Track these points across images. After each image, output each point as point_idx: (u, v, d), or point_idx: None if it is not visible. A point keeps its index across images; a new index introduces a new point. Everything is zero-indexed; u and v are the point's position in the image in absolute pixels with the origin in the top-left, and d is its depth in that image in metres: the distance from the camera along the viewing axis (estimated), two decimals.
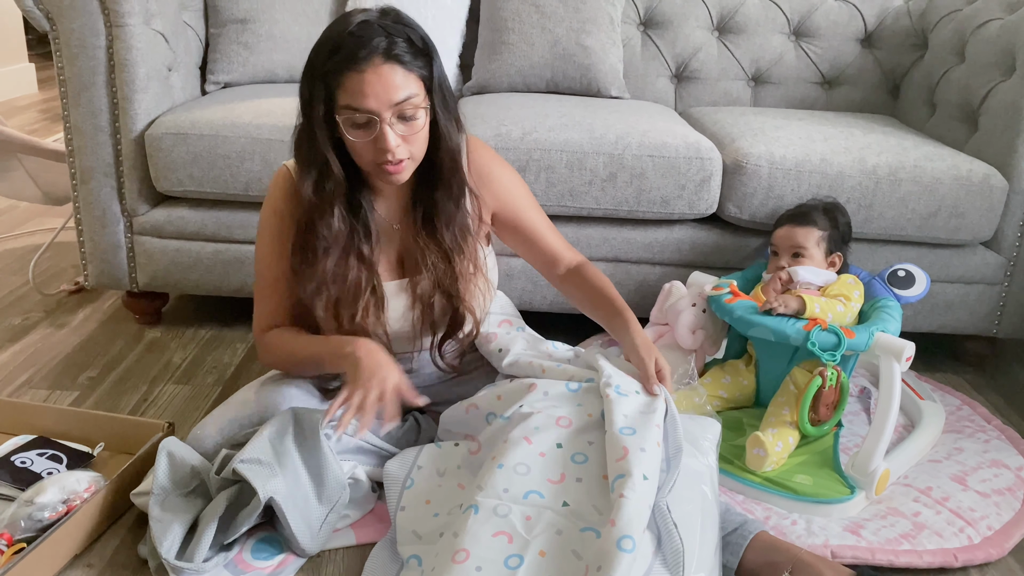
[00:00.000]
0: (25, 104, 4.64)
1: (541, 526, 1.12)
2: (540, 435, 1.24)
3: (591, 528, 1.11)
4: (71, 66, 1.81)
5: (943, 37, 2.16)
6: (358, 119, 1.21)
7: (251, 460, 1.24)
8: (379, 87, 1.19)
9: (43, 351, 1.93)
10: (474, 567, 1.08)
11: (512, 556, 1.09)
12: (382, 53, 1.19)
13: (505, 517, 1.13)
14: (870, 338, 1.46)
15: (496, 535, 1.11)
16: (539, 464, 1.20)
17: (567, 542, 1.10)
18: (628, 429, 1.19)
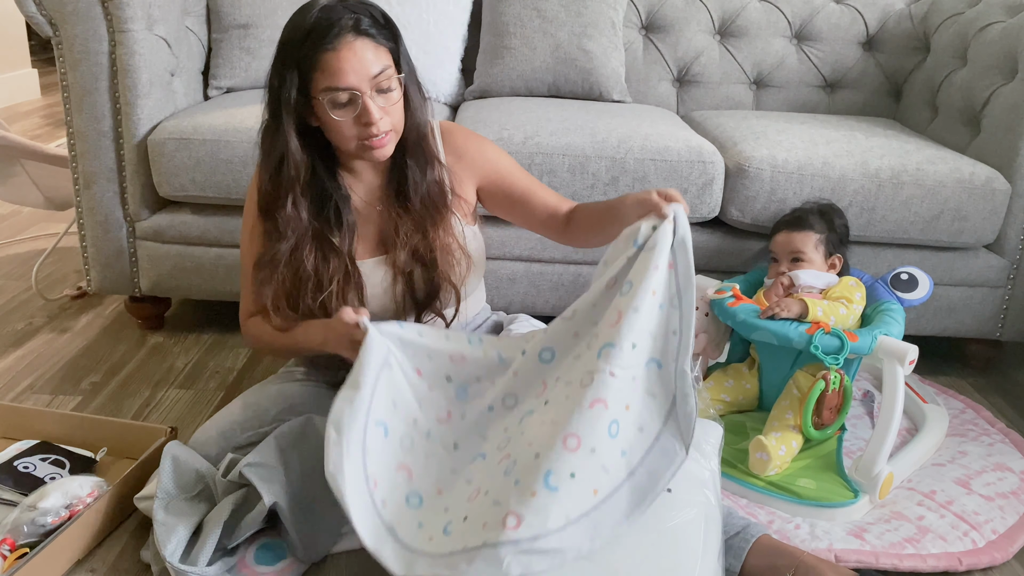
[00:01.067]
0: (28, 109, 4.65)
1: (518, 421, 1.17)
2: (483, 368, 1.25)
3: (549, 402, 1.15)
4: (74, 71, 1.81)
5: (945, 40, 2.16)
6: (340, 98, 1.23)
7: (257, 464, 1.24)
8: (356, 62, 1.22)
9: (46, 356, 1.93)
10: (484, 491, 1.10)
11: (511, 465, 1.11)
12: (351, 30, 1.22)
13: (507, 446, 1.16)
14: (873, 341, 1.46)
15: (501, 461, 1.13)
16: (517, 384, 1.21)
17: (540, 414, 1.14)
18: (627, 285, 1.15)
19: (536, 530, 1.01)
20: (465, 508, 1.09)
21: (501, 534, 1.00)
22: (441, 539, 1.07)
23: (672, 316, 1.15)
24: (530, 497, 1.03)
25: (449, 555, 1.04)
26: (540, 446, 1.08)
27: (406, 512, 1.13)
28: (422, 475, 1.16)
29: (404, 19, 2.19)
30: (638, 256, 1.16)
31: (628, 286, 1.15)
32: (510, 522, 1.01)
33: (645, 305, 1.13)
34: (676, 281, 1.15)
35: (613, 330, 1.12)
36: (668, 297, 1.15)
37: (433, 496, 1.15)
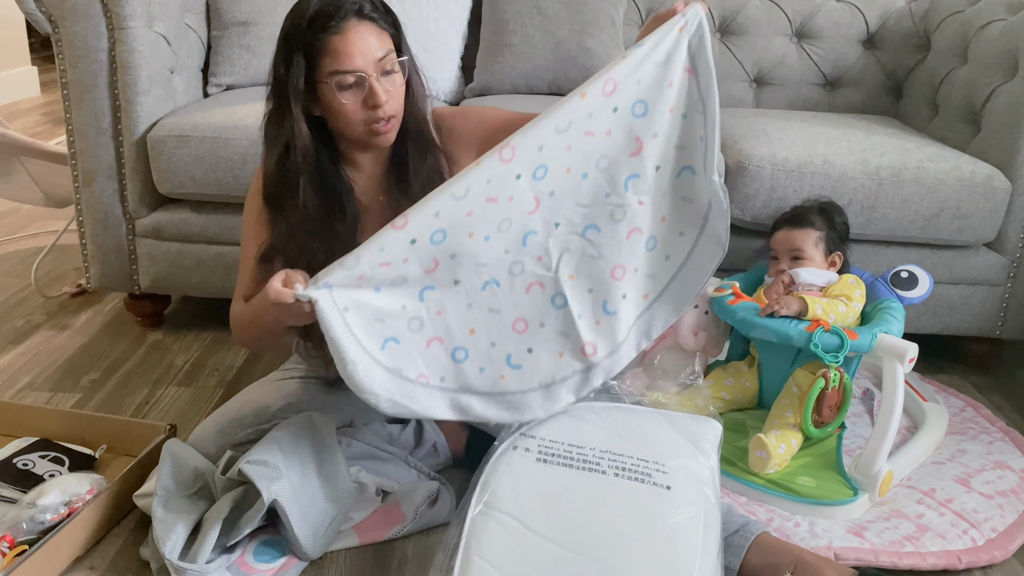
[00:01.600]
0: (27, 107, 4.65)
1: (555, 256, 1.22)
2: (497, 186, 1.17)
3: (591, 226, 1.22)
4: (73, 69, 1.81)
5: (945, 38, 2.16)
6: (347, 80, 1.24)
7: (257, 462, 1.24)
8: (362, 45, 1.24)
9: (45, 353, 1.93)
10: (538, 325, 1.23)
11: (555, 296, 1.23)
12: (355, 14, 1.24)
13: (523, 271, 1.22)
14: (873, 339, 1.46)
15: (529, 289, 1.22)
16: (513, 209, 1.19)
17: (581, 252, 1.23)
18: (640, 105, 1.17)
19: (609, 348, 1.25)
20: (520, 340, 1.23)
21: (584, 361, 1.25)
22: (513, 374, 1.23)
23: (697, 123, 1.19)
24: (595, 325, 1.24)
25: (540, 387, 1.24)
26: (590, 280, 1.23)
27: (464, 368, 1.23)
28: (448, 332, 1.21)
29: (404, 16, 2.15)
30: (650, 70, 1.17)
31: (643, 107, 1.17)
32: (588, 350, 1.24)
33: (664, 126, 1.19)
34: (698, 86, 1.19)
35: (636, 160, 1.20)
36: (690, 105, 1.19)
37: (470, 339, 1.22)
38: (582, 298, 1.24)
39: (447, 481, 1.43)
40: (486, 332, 1.23)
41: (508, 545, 1.11)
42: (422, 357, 1.21)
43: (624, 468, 1.17)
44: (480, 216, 1.17)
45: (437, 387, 1.22)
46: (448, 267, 1.19)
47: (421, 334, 1.20)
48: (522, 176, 1.18)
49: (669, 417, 1.28)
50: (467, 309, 1.21)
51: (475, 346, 1.22)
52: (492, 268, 1.21)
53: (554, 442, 1.23)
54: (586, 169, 1.21)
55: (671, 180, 1.24)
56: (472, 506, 1.16)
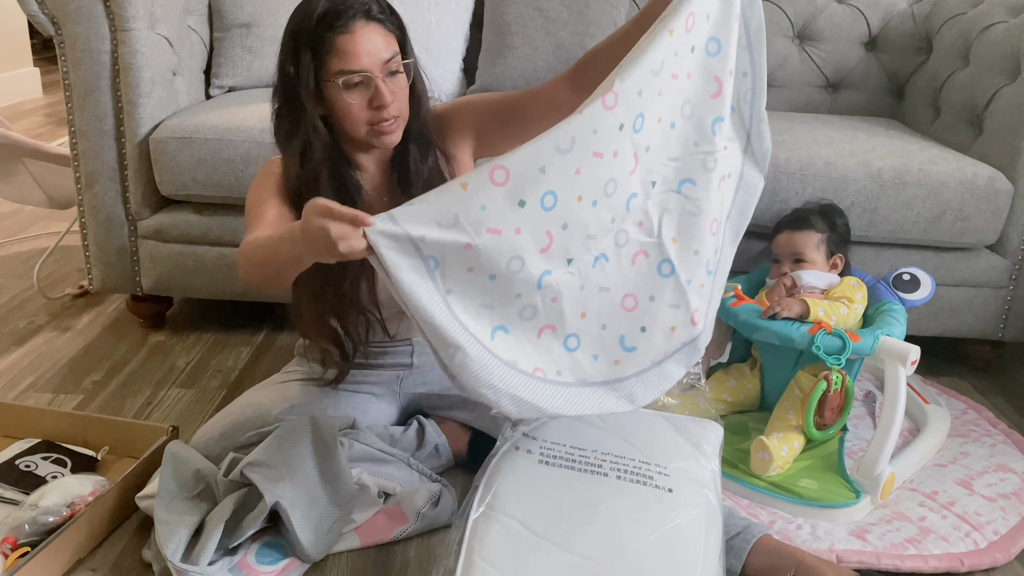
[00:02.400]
0: (30, 108, 4.66)
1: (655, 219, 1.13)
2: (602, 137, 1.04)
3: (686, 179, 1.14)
4: (76, 70, 1.82)
5: (947, 40, 2.16)
6: (353, 80, 1.25)
7: (259, 463, 1.24)
8: (369, 45, 1.24)
9: (47, 355, 1.93)
10: (647, 299, 1.14)
11: (661, 264, 1.14)
12: (363, 14, 1.25)
13: (627, 241, 1.12)
14: (875, 342, 1.46)
15: (635, 259, 1.13)
16: (617, 167, 1.07)
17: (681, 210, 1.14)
18: (713, 43, 1.12)
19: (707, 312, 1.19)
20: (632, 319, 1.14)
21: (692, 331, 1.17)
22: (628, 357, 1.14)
23: (742, 57, 1.15)
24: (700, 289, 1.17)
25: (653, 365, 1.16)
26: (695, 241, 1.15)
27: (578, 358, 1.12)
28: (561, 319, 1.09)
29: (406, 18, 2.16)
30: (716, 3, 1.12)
31: (716, 45, 1.11)
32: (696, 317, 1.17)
33: (737, 60, 1.13)
34: (744, 21, 1.15)
35: (717, 102, 1.13)
36: (738, 37, 1.15)
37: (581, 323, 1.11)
38: (688, 261, 1.15)
39: (449, 483, 1.43)
40: (596, 314, 1.12)
41: (510, 547, 1.11)
42: (535, 348, 1.08)
43: (626, 470, 1.17)
44: (588, 175, 1.04)
45: (556, 382, 1.10)
46: (561, 243, 1.05)
47: (533, 322, 1.08)
48: (624, 127, 1.05)
49: (671, 419, 1.28)
50: (580, 291, 1.10)
51: (587, 331, 1.11)
52: (600, 240, 1.09)
53: (556, 444, 1.23)
54: (673, 118, 1.12)
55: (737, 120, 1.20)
56: (474, 508, 1.16)
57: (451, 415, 1.54)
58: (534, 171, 1.00)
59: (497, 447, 1.24)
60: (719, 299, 1.25)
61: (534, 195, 1.01)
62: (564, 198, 1.03)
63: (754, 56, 1.16)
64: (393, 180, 1.38)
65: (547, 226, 1.04)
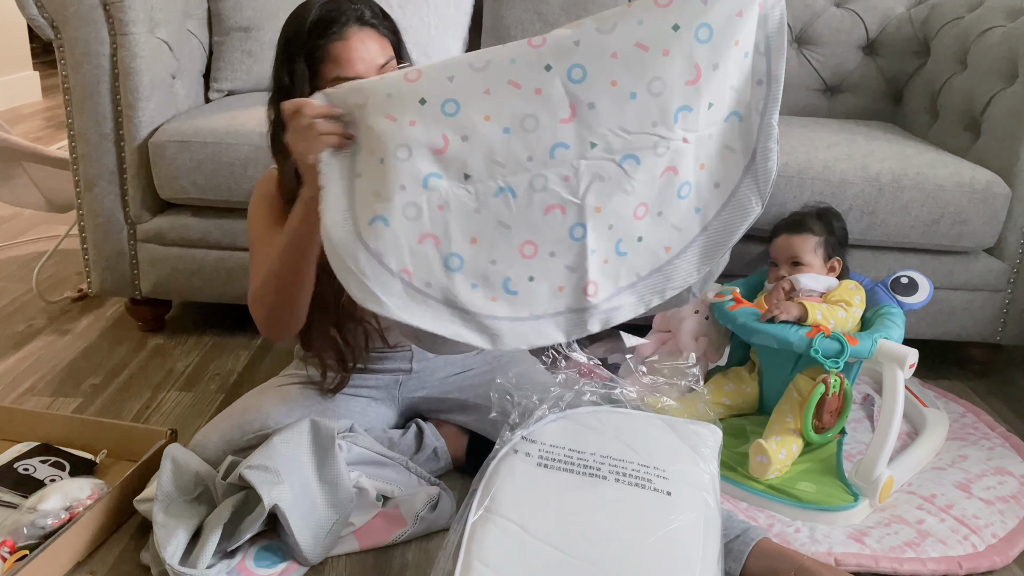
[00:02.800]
0: (29, 112, 4.66)
1: (584, 181, 1.08)
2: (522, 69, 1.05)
3: (630, 155, 1.08)
4: (75, 74, 1.82)
5: (945, 44, 2.16)
6: None
7: (258, 466, 1.24)
8: (363, 51, 1.24)
9: (46, 358, 1.93)
10: (547, 253, 1.10)
11: (575, 227, 1.10)
12: (356, 20, 1.24)
13: (545, 189, 1.08)
14: (873, 345, 1.46)
15: (548, 211, 1.09)
16: (541, 107, 1.06)
17: (615, 183, 1.09)
18: (705, 29, 1.04)
19: (611, 291, 1.13)
20: (525, 266, 1.10)
21: (583, 300, 1.12)
22: (507, 299, 1.10)
23: (758, 64, 1.08)
24: (603, 264, 1.12)
25: (531, 318, 1.12)
26: (613, 216, 1.10)
27: (455, 279, 1.09)
28: (446, 234, 1.08)
29: (405, 22, 2.18)
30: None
31: (707, 32, 1.05)
32: (590, 290, 1.12)
33: (728, 59, 1.06)
34: (765, 23, 1.08)
35: (690, 90, 1.06)
36: (754, 43, 1.07)
37: (469, 248, 1.09)
38: (601, 233, 1.11)
39: (447, 486, 1.43)
40: (489, 246, 1.10)
41: (508, 550, 1.11)
42: (410, 250, 1.08)
43: (624, 473, 1.17)
44: (499, 98, 1.05)
45: (418, 290, 1.09)
46: (459, 152, 1.07)
47: (415, 224, 1.07)
48: (553, 69, 1.05)
49: (669, 422, 1.28)
50: (474, 214, 1.09)
51: (473, 258, 1.09)
52: (510, 172, 1.08)
53: (555, 447, 1.23)
54: (635, 88, 1.07)
55: (720, 123, 1.11)
56: (472, 511, 1.16)
57: (450, 418, 1.54)
58: (443, 78, 1.05)
59: (495, 450, 1.24)
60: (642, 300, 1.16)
61: (436, 97, 1.05)
62: (468, 112, 1.05)
63: (772, 65, 1.09)
64: None
65: (443, 130, 1.06)
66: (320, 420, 1.35)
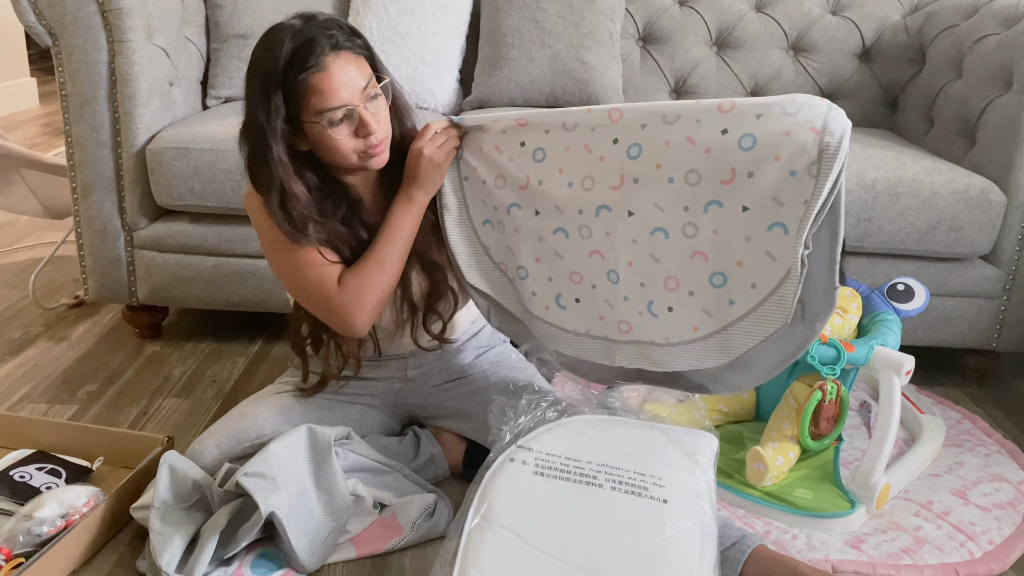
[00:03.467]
0: (26, 118, 4.66)
1: (618, 239, 1.25)
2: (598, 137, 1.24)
3: (660, 228, 1.22)
4: (73, 81, 1.82)
5: (940, 52, 2.17)
6: (336, 116, 1.23)
7: (254, 474, 1.24)
8: (345, 78, 1.23)
9: (42, 365, 1.93)
10: (590, 285, 1.31)
11: (610, 272, 1.28)
12: (331, 48, 1.22)
13: (590, 237, 1.28)
14: (870, 352, 1.46)
15: (591, 255, 1.29)
16: (600, 171, 1.25)
17: (645, 248, 1.24)
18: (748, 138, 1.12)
19: (642, 337, 1.30)
20: (572, 288, 1.33)
21: (616, 334, 1.32)
22: (557, 311, 1.36)
23: (805, 184, 1.10)
24: (637, 315, 1.28)
25: (573, 332, 1.36)
26: (643, 276, 1.26)
27: (524, 284, 1.37)
28: (518, 249, 1.35)
29: (403, 29, 2.20)
30: (774, 113, 1.12)
31: (751, 141, 1.12)
32: (623, 327, 1.31)
33: (766, 170, 1.12)
34: (819, 148, 1.09)
35: (725, 188, 1.15)
36: (805, 165, 1.10)
37: (534, 264, 1.35)
38: (633, 286, 1.27)
39: (444, 493, 1.43)
40: (547, 267, 1.34)
41: (505, 558, 1.11)
42: (503, 253, 1.38)
43: (621, 481, 1.17)
44: (574, 157, 1.26)
45: (511, 277, 1.39)
46: (535, 192, 1.30)
47: (503, 236, 1.36)
48: (619, 142, 1.22)
49: (666, 430, 1.28)
50: (538, 241, 1.32)
51: (535, 272, 1.35)
52: (566, 218, 1.29)
53: (551, 455, 1.23)
54: (673, 174, 1.19)
55: (760, 231, 1.15)
56: (469, 519, 1.16)
57: (447, 426, 1.54)
58: (541, 129, 1.28)
59: (492, 458, 1.24)
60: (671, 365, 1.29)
61: (533, 144, 1.29)
62: (551, 162, 1.28)
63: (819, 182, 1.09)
64: (386, 200, 1.37)
65: (529, 171, 1.30)
66: (317, 427, 1.35)
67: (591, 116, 1.24)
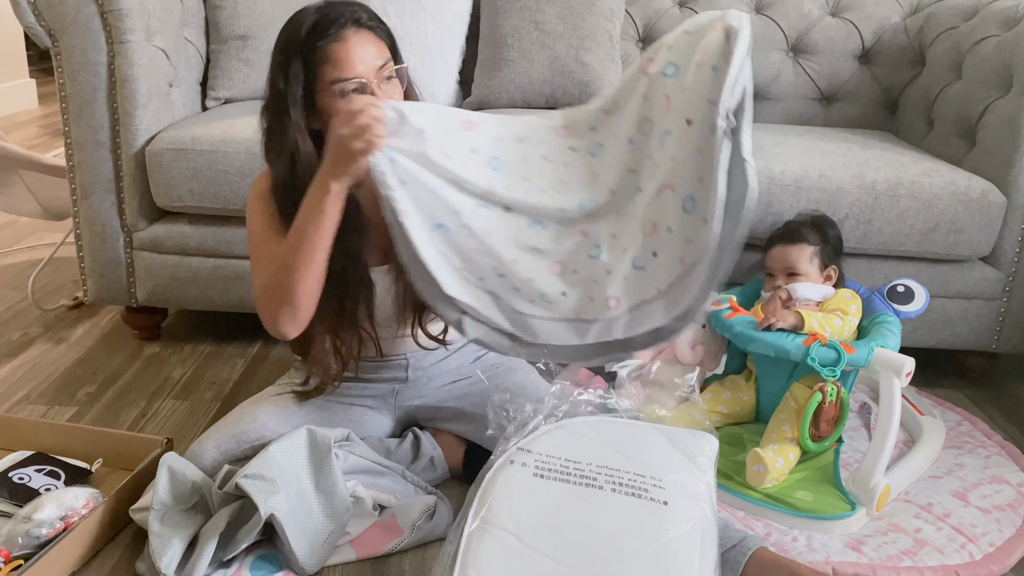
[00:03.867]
0: (26, 119, 4.66)
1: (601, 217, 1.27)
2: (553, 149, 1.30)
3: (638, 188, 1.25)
4: (72, 82, 1.82)
5: (940, 54, 2.17)
6: (349, 87, 1.25)
7: (254, 476, 1.24)
8: (363, 52, 1.26)
9: (42, 366, 1.93)
10: (572, 271, 1.29)
11: (592, 247, 1.27)
12: (354, 23, 1.27)
13: (572, 224, 1.28)
14: (870, 353, 1.46)
15: (572, 236, 1.28)
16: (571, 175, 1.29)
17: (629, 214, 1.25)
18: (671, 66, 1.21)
19: (633, 301, 1.27)
20: (555, 280, 1.29)
21: (606, 313, 1.27)
22: (543, 305, 1.30)
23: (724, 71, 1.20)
24: (622, 280, 1.26)
25: (563, 320, 1.30)
26: (625, 239, 1.25)
27: (503, 282, 1.30)
28: (492, 253, 1.27)
29: (402, 30, 2.20)
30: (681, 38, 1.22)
31: (672, 68, 1.21)
32: (611, 303, 1.27)
33: (692, 79, 1.19)
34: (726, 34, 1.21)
35: (667, 115, 1.21)
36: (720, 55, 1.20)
37: (512, 267, 1.28)
38: (616, 255, 1.27)
39: (444, 495, 1.43)
40: (527, 267, 1.29)
41: (505, 560, 1.11)
42: (466, 255, 1.28)
43: (621, 483, 1.17)
44: (535, 167, 1.28)
45: (475, 283, 1.30)
46: (503, 198, 1.27)
47: (469, 240, 1.27)
48: (577, 150, 1.29)
49: (666, 432, 1.28)
50: (512, 242, 1.28)
51: (514, 273, 1.29)
52: (544, 215, 1.29)
53: (551, 457, 1.22)
54: (632, 135, 1.26)
55: (705, 137, 1.18)
56: (469, 521, 1.15)
57: (447, 427, 1.53)
58: (489, 138, 1.27)
59: (492, 460, 1.24)
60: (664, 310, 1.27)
61: (484, 152, 1.27)
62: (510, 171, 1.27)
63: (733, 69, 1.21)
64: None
65: (490, 179, 1.26)
66: (317, 429, 1.34)
67: (540, 132, 1.30)
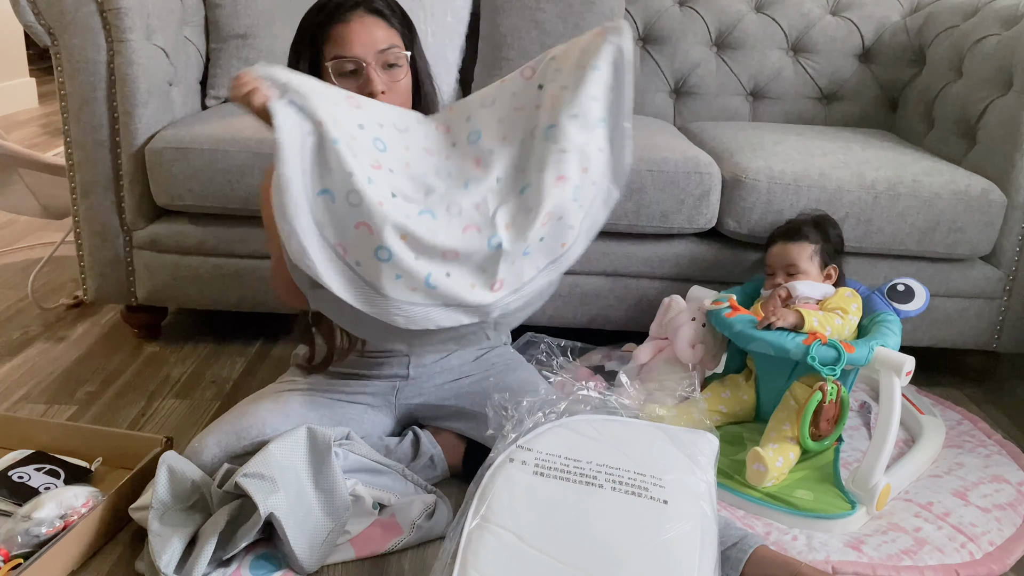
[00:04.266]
0: (25, 118, 4.66)
1: (492, 206, 1.24)
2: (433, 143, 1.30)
3: (528, 185, 1.24)
4: (72, 81, 1.82)
5: (940, 53, 2.17)
6: (345, 66, 1.30)
7: (253, 474, 1.24)
8: (364, 35, 1.30)
9: (41, 365, 1.93)
10: (466, 256, 1.22)
11: (492, 237, 1.22)
12: (364, 6, 1.31)
13: (460, 214, 1.23)
14: (870, 352, 1.46)
15: (465, 230, 1.22)
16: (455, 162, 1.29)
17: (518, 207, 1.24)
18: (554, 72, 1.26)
19: (514, 285, 1.25)
20: (444, 264, 1.22)
21: (490, 296, 1.23)
22: (425, 290, 1.21)
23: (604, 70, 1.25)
24: (511, 265, 1.24)
25: (444, 306, 1.23)
26: (517, 227, 1.23)
27: (380, 268, 1.18)
28: (379, 227, 1.17)
29: None
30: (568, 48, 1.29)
31: (555, 73, 1.26)
32: (496, 286, 1.23)
33: (575, 79, 1.24)
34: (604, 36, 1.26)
35: (554, 109, 1.24)
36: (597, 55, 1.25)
37: (399, 243, 1.18)
38: (514, 244, 1.24)
39: (444, 494, 1.43)
40: (416, 245, 1.19)
41: (504, 559, 1.10)
42: (347, 230, 1.18)
43: (621, 482, 1.17)
44: (416, 156, 1.27)
45: (348, 265, 1.20)
46: (388, 177, 1.22)
47: (355, 211, 1.17)
48: (457, 144, 1.30)
49: (666, 431, 1.28)
50: (404, 218, 1.19)
51: (400, 251, 1.18)
52: (430, 203, 1.24)
53: (551, 455, 1.22)
54: (523, 136, 1.28)
55: (592, 130, 1.26)
56: (468, 519, 1.15)
57: (447, 426, 1.53)
58: (374, 121, 1.24)
59: (491, 458, 1.24)
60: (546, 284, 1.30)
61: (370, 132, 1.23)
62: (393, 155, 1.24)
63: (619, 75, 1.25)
64: None
65: (376, 156, 1.22)
66: (317, 428, 1.34)
67: (423, 127, 1.31)
